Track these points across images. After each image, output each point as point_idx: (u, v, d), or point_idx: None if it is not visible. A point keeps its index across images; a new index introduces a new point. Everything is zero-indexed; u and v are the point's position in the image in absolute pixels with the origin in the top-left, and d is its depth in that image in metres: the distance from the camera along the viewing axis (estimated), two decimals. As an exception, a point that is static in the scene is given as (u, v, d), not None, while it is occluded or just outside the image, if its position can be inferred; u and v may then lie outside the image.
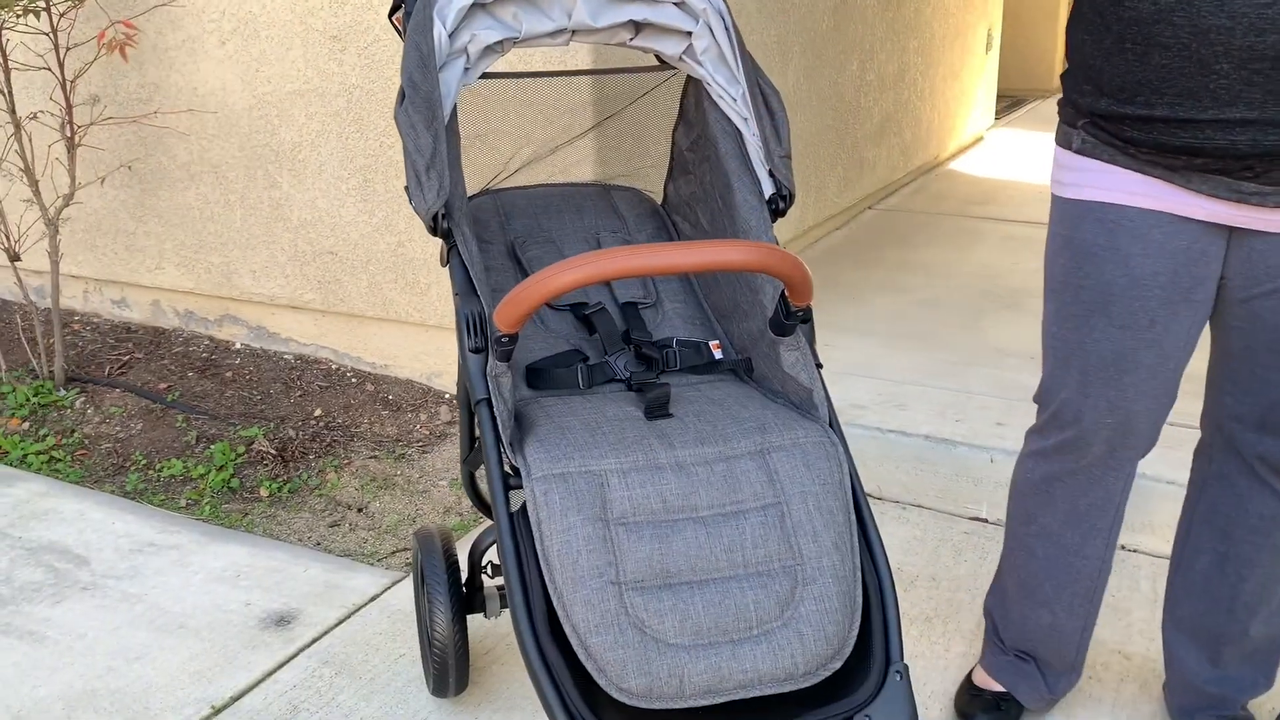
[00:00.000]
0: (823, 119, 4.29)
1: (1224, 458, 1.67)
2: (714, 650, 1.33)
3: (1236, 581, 1.70)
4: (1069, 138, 1.57)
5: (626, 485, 1.39)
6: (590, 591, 1.33)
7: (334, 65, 3.05)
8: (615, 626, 1.32)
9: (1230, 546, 1.69)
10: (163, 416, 3.10)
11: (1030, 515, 1.76)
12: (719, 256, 1.32)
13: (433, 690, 1.90)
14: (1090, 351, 1.58)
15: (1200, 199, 1.47)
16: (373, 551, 2.52)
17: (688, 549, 1.37)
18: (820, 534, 1.41)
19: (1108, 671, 2.02)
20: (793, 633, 1.36)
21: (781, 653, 1.34)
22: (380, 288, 3.19)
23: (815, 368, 1.58)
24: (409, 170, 1.61)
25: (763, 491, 1.43)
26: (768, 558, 1.39)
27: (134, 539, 2.50)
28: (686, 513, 1.40)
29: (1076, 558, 1.74)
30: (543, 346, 1.71)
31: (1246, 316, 1.54)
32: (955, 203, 5.19)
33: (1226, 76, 1.35)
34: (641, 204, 1.98)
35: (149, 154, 3.44)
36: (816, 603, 1.38)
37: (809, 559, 1.40)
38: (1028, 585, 1.80)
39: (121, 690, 2.00)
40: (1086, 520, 1.71)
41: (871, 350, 3.39)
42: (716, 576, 1.37)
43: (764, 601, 1.36)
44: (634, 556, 1.35)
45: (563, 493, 1.37)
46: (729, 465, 1.44)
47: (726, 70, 1.75)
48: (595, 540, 1.35)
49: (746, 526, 1.40)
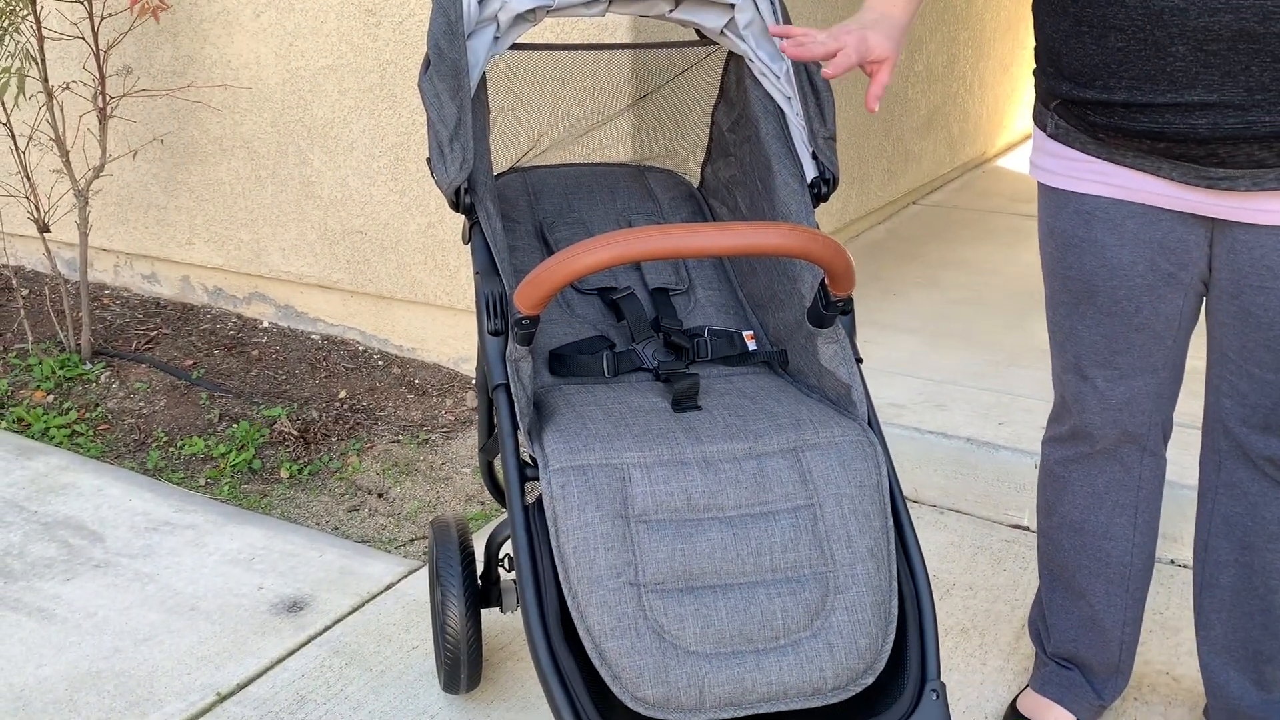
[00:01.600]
0: (862, 101, 4.17)
1: (1232, 464, 1.59)
2: (737, 660, 1.24)
3: (1266, 594, 1.61)
4: (1044, 119, 1.55)
5: (649, 480, 1.31)
6: (607, 592, 1.25)
7: (368, 40, 2.99)
8: (633, 631, 1.23)
9: (1253, 556, 1.60)
10: (187, 393, 3.05)
11: (1051, 506, 1.73)
12: (756, 239, 1.23)
13: (444, 686, 1.83)
14: (1082, 337, 1.59)
15: (1173, 188, 1.44)
16: (391, 539, 2.46)
17: (712, 550, 1.28)
18: (855, 540, 1.32)
19: (1155, 694, 1.91)
20: (822, 644, 1.27)
21: (809, 665, 1.25)
22: (409, 269, 3.13)
23: (855, 363, 1.49)
24: (431, 141, 1.54)
25: (794, 492, 1.34)
26: (798, 563, 1.30)
27: (150, 517, 2.46)
28: (712, 512, 1.31)
29: (1104, 540, 1.69)
30: (568, 331, 1.63)
31: (1238, 314, 1.48)
32: (1002, 200, 5.05)
33: (1183, 59, 1.32)
34: (677, 186, 1.89)
35: (181, 127, 3.39)
36: (849, 613, 1.29)
37: (842, 566, 1.31)
38: (1060, 580, 1.75)
39: (127, 673, 1.95)
40: (1107, 500, 1.67)
41: (912, 348, 3.28)
42: (742, 581, 1.28)
43: (792, 610, 1.27)
44: (655, 557, 1.27)
45: (581, 486, 1.29)
46: (759, 463, 1.36)
47: (770, 46, 1.66)
48: (614, 538, 1.27)
49: (776, 529, 1.31)
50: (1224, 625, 1.66)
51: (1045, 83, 1.51)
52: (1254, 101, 1.30)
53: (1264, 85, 1.30)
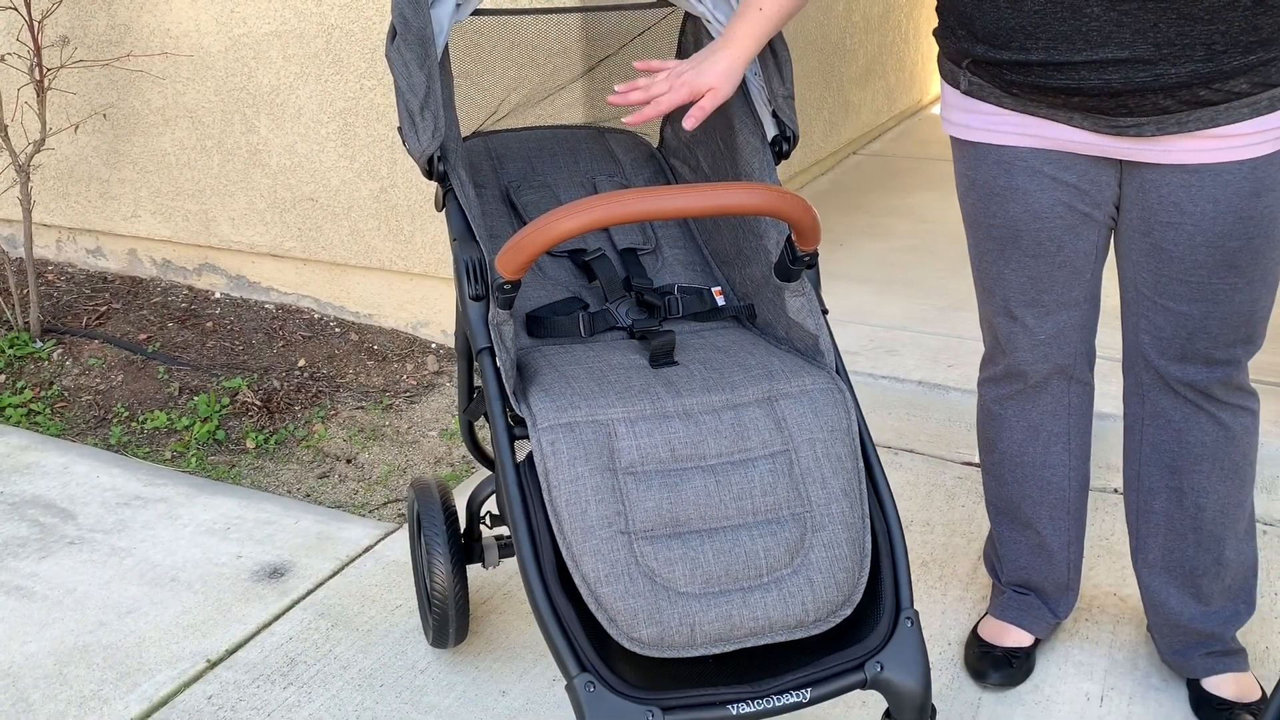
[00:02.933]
0: (808, 61, 4.22)
1: (1155, 395, 1.70)
2: (725, 598, 1.32)
3: (1196, 513, 1.72)
4: (956, 77, 1.61)
5: (634, 434, 1.37)
6: (600, 541, 1.31)
7: (312, 5, 2.96)
8: (625, 576, 1.30)
9: (1182, 480, 1.71)
10: (143, 368, 3.04)
11: (991, 443, 1.83)
12: (727, 199, 1.28)
13: (432, 641, 1.89)
14: (1009, 280, 1.68)
15: (1084, 134, 1.54)
16: (364, 503, 2.49)
17: (697, 497, 1.35)
18: (829, 481, 1.40)
19: (1104, 614, 2.03)
20: (803, 579, 1.34)
21: (792, 600, 1.33)
22: (363, 235, 3.13)
23: (821, 313, 1.56)
24: (402, 111, 1.56)
25: (771, 439, 1.41)
26: (777, 505, 1.37)
27: (120, 492, 2.47)
28: (695, 461, 1.38)
29: (1044, 470, 1.80)
30: (542, 294, 1.68)
31: (1150, 251, 1.58)
32: (940, 147, 5.15)
33: (1097, 19, 1.40)
34: (638, 147, 1.93)
35: (121, 98, 3.34)
36: (826, 549, 1.37)
37: (818, 505, 1.38)
38: (1005, 513, 1.86)
39: (114, 645, 1.98)
40: (1043, 431, 1.78)
41: (861, 297, 3.37)
42: (726, 525, 1.35)
43: (774, 549, 1.35)
44: (643, 506, 1.33)
45: (570, 443, 1.35)
46: (736, 413, 1.42)
47: (727, 6, 1.70)
48: (604, 490, 1.33)
49: (755, 474, 1.38)
50: (1160, 548, 1.77)
51: (955, 44, 1.57)
52: (1161, 55, 1.40)
53: (1170, 40, 1.38)
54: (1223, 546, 1.73)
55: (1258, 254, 1.52)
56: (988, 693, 1.85)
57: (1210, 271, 1.54)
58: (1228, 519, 1.72)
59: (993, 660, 1.85)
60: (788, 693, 1.29)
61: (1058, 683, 1.86)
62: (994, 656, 1.86)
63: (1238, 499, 1.71)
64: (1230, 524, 1.72)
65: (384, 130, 3.00)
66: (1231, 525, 1.72)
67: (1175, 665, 1.83)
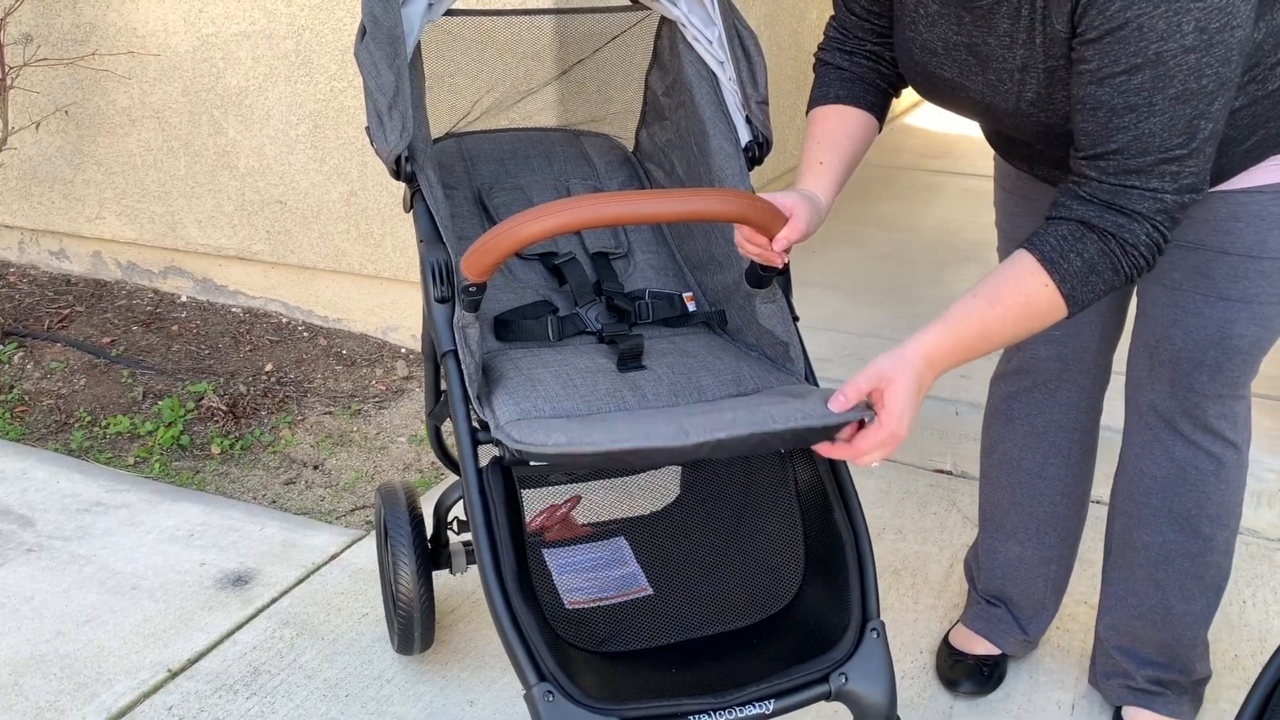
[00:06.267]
0: (783, 69, 4.23)
1: (1146, 419, 1.64)
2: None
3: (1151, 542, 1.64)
4: None
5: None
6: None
7: (281, 5, 2.93)
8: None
9: (1172, 502, 1.65)
10: (107, 372, 2.99)
11: (993, 445, 1.80)
12: (700, 205, 1.27)
13: (398, 648, 1.86)
14: None
15: None
16: (330, 509, 2.46)
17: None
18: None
19: (1076, 623, 2.03)
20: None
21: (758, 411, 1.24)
22: (332, 238, 3.09)
23: (792, 320, 1.55)
24: (370, 110, 1.54)
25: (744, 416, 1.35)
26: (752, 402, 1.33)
27: (80, 498, 2.42)
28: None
29: (1038, 480, 1.77)
30: (511, 297, 1.65)
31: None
32: (912, 156, 5.17)
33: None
34: (612, 151, 1.92)
35: (86, 98, 3.29)
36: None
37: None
38: (995, 519, 1.83)
39: (72, 654, 1.93)
40: (1045, 439, 1.75)
41: (834, 304, 3.37)
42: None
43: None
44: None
45: (533, 424, 1.30)
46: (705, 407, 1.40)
47: (702, 11, 1.69)
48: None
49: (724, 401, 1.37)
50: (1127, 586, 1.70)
51: None
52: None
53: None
54: (1196, 593, 1.65)
55: (1248, 281, 1.50)
56: (959, 701, 1.84)
57: (1216, 304, 1.52)
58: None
59: (964, 668, 1.84)
60: (751, 704, 1.27)
61: (1030, 691, 1.86)
62: (965, 665, 1.85)
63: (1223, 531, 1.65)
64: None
65: (354, 133, 2.96)
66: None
67: (1106, 690, 1.78)
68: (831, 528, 1.44)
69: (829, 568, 1.44)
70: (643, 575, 1.66)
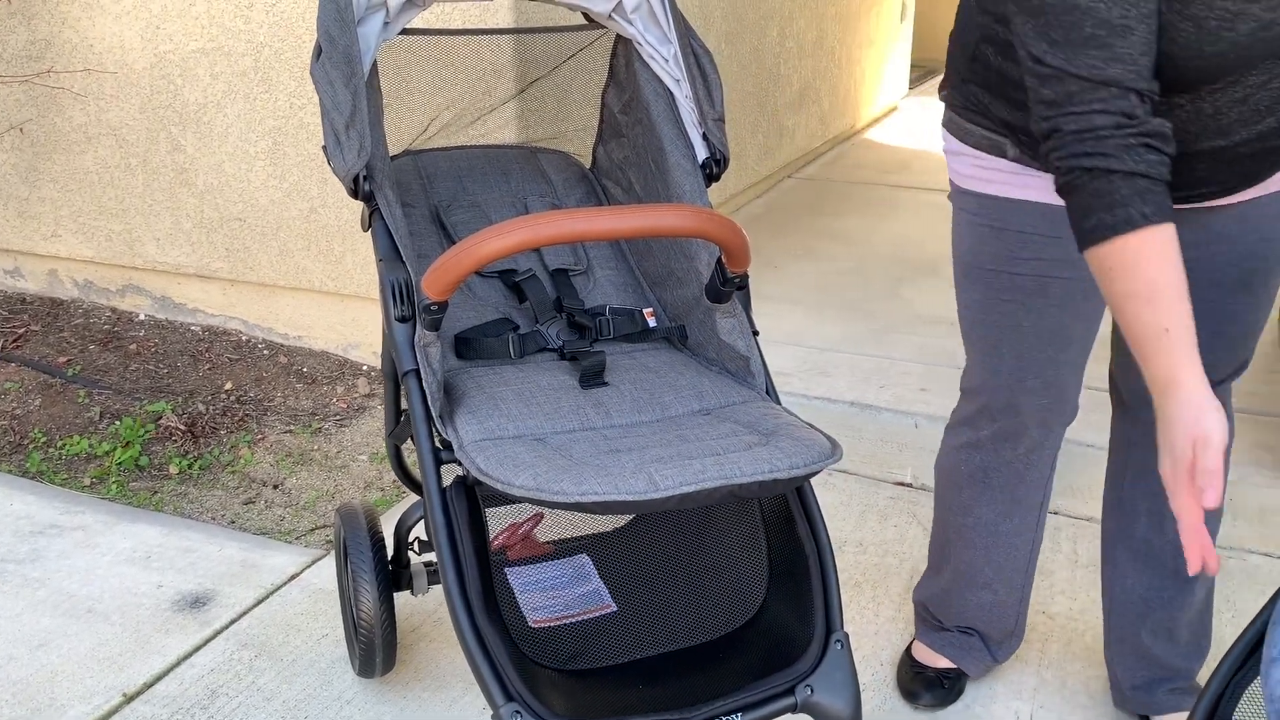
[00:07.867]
0: (743, 85, 4.26)
1: (1148, 415, 1.66)
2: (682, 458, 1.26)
3: (1175, 538, 1.68)
4: (1001, 148, 1.51)
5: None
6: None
7: (240, 23, 2.92)
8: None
9: (1163, 504, 1.69)
10: (63, 392, 2.95)
11: (967, 508, 1.75)
12: (658, 221, 1.28)
13: (359, 671, 1.84)
14: (1028, 332, 1.57)
15: None
16: (290, 529, 2.43)
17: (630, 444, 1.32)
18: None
19: (1033, 632, 2.05)
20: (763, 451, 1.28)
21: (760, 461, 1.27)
22: (292, 255, 3.07)
23: (752, 335, 1.56)
24: (327, 129, 1.53)
25: (708, 432, 1.37)
26: (717, 435, 1.33)
27: (34, 520, 2.38)
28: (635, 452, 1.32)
29: (1015, 538, 1.76)
30: (471, 315, 1.65)
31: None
32: (872, 171, 5.23)
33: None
34: (569, 168, 1.92)
35: (41, 115, 3.25)
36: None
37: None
38: (968, 574, 1.80)
39: (24, 680, 1.90)
40: (1024, 505, 1.73)
41: (795, 319, 3.39)
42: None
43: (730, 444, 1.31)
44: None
45: (497, 449, 1.31)
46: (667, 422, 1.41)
47: (658, 29, 1.70)
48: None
49: (688, 426, 1.37)
50: (1140, 578, 1.72)
51: (1008, 115, 1.48)
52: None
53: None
54: (1197, 578, 1.70)
55: (1269, 275, 1.53)
56: (920, 713, 1.85)
57: (1225, 292, 1.53)
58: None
59: (925, 681, 1.86)
60: (718, 718, 1.28)
61: (988, 702, 1.87)
62: (926, 677, 1.86)
63: (1212, 527, 1.70)
64: None
65: (314, 150, 2.95)
66: None
67: (1135, 701, 1.79)
68: (794, 541, 1.45)
69: (792, 581, 1.45)
70: (606, 592, 1.65)
